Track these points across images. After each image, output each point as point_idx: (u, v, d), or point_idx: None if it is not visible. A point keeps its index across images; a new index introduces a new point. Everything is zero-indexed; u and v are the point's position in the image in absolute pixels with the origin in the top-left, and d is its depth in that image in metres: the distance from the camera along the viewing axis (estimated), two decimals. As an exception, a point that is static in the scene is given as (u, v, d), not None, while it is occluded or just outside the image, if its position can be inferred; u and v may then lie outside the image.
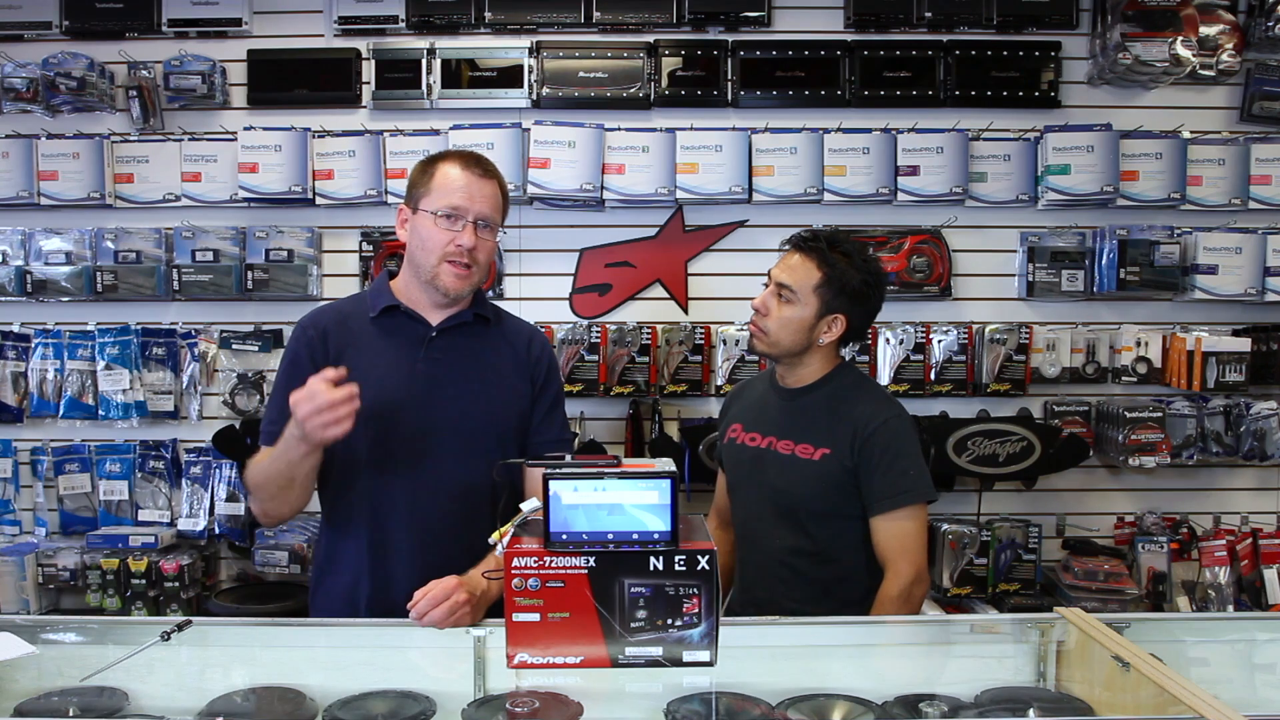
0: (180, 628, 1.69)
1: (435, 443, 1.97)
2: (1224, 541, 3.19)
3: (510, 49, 3.30)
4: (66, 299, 3.27)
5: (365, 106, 3.34)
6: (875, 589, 2.12)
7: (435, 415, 1.97)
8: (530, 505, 1.56)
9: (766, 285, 2.21)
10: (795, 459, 2.17)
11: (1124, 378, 3.28)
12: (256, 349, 3.29)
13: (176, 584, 3.14)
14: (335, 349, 1.98)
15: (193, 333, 3.30)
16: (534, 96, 3.29)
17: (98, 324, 3.31)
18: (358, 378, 1.92)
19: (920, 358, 3.26)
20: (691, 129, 3.25)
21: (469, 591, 1.74)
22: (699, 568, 1.50)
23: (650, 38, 3.29)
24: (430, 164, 2.00)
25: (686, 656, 1.51)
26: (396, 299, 2.03)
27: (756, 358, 3.21)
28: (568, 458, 1.95)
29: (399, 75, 3.29)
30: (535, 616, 1.50)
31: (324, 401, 1.68)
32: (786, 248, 2.22)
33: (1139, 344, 3.25)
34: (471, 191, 1.94)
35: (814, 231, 2.22)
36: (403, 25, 3.28)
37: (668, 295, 3.36)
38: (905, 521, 2.12)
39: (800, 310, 2.15)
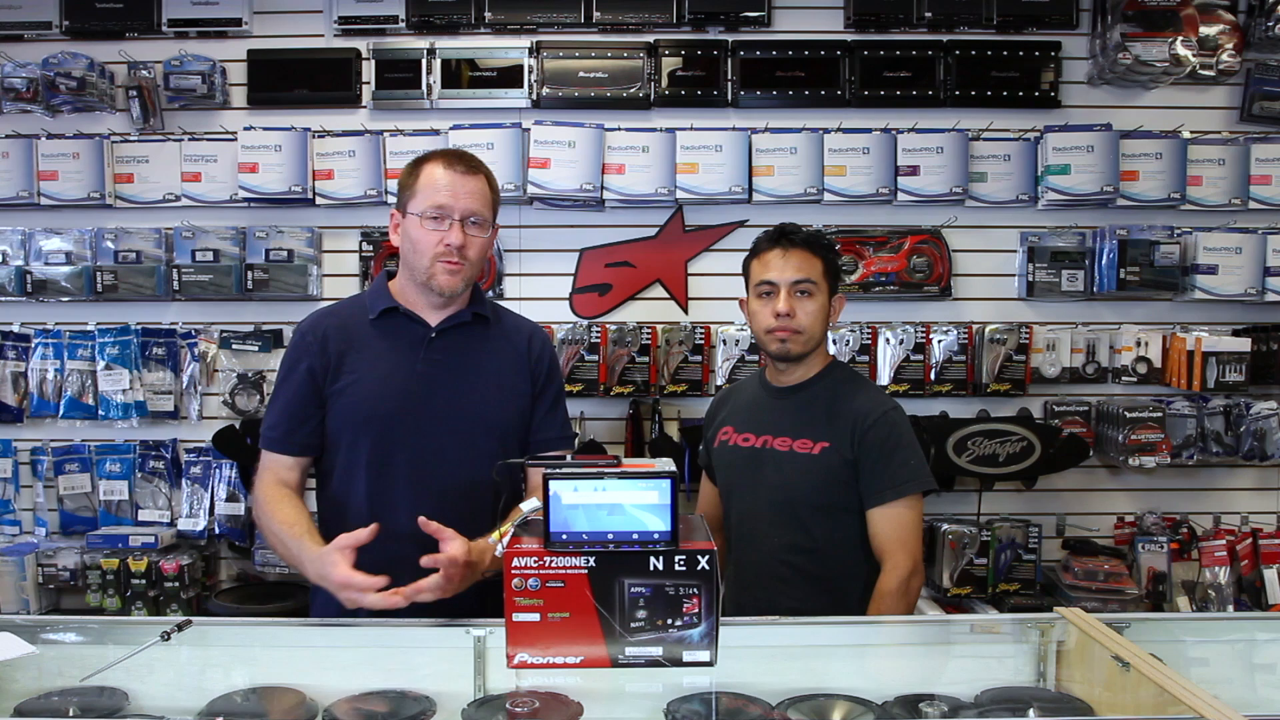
0: (180, 628, 1.69)
1: (436, 443, 1.97)
2: (1224, 541, 3.19)
3: (510, 49, 3.30)
4: (66, 299, 3.27)
5: (365, 106, 3.34)
6: (872, 584, 2.12)
7: (435, 416, 1.98)
8: (530, 505, 1.56)
9: (769, 293, 2.19)
10: (794, 454, 2.17)
11: (1124, 378, 3.28)
12: (256, 349, 3.28)
13: (176, 584, 3.14)
14: (336, 353, 1.99)
15: (193, 333, 3.31)
16: (534, 96, 3.29)
17: (98, 324, 3.31)
18: (359, 380, 1.97)
19: (920, 358, 3.26)
20: (691, 129, 3.25)
21: (466, 570, 1.77)
22: (699, 568, 1.50)
23: (650, 38, 3.29)
24: (416, 166, 2.01)
25: (686, 656, 1.51)
26: (395, 301, 2.04)
27: (757, 356, 3.21)
28: (569, 456, 1.95)
29: (399, 75, 3.29)
30: (535, 616, 1.50)
31: (370, 601, 1.70)
32: (773, 249, 2.20)
33: (1139, 344, 3.25)
34: (456, 189, 1.95)
35: (784, 228, 2.23)
36: (403, 25, 3.28)
37: (668, 295, 3.36)
38: (904, 512, 2.12)
39: (820, 299, 2.19)
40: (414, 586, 1.71)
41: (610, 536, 1.51)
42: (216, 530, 3.24)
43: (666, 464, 1.56)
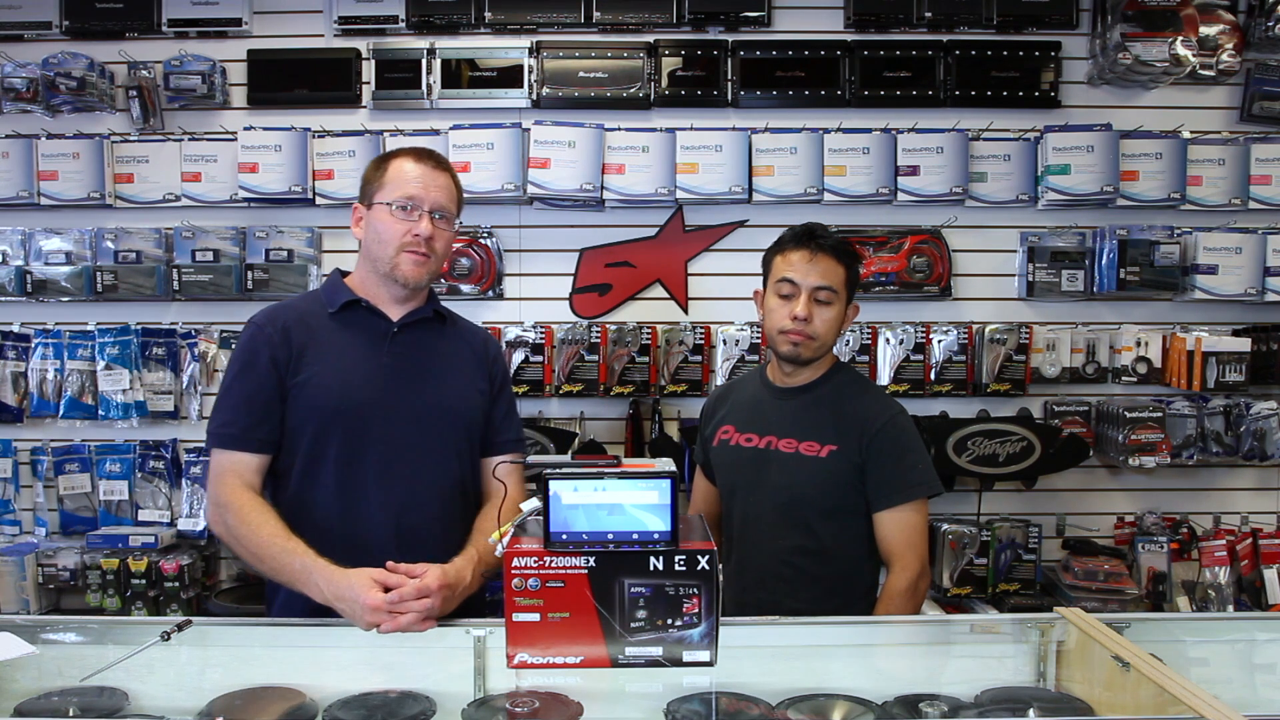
0: (180, 628, 1.69)
1: (404, 437, 1.96)
2: (1224, 541, 3.19)
3: (510, 49, 3.30)
4: (66, 299, 3.27)
5: (365, 106, 3.34)
6: (876, 585, 2.12)
7: (403, 409, 1.96)
8: (530, 505, 1.56)
9: (789, 294, 2.17)
10: (801, 457, 2.17)
11: (1124, 378, 3.28)
12: (256, 349, 3.28)
13: (176, 584, 3.14)
14: (297, 346, 1.95)
15: (193, 333, 3.31)
16: (534, 96, 3.29)
17: (98, 324, 3.31)
18: (322, 372, 1.94)
19: (920, 358, 3.26)
20: (691, 129, 3.25)
21: (447, 592, 1.73)
22: (699, 568, 1.51)
23: (650, 38, 3.29)
24: (383, 160, 2.03)
25: (686, 656, 1.51)
26: (355, 294, 2.02)
27: (757, 356, 3.21)
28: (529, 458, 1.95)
29: (399, 75, 3.29)
30: (535, 616, 1.50)
31: (400, 623, 1.68)
32: (801, 249, 2.17)
33: (1139, 344, 3.25)
34: (426, 182, 1.97)
35: (813, 228, 2.20)
36: (403, 25, 3.28)
37: (668, 295, 3.36)
38: (912, 515, 2.13)
39: (838, 307, 2.18)
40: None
41: (610, 536, 1.52)
42: (216, 530, 3.24)
43: (666, 464, 1.56)
